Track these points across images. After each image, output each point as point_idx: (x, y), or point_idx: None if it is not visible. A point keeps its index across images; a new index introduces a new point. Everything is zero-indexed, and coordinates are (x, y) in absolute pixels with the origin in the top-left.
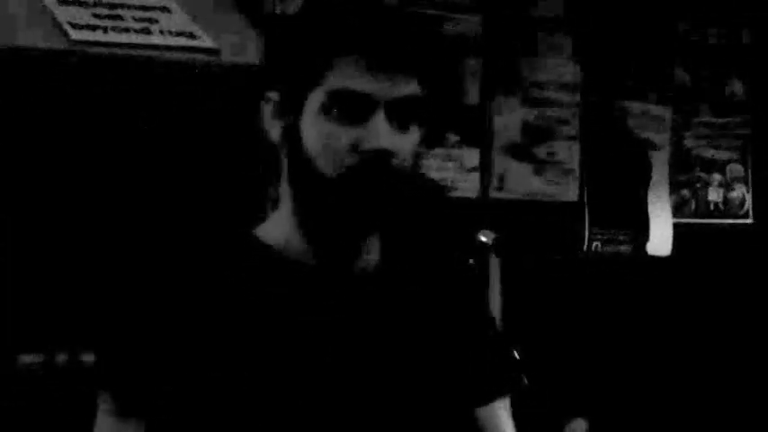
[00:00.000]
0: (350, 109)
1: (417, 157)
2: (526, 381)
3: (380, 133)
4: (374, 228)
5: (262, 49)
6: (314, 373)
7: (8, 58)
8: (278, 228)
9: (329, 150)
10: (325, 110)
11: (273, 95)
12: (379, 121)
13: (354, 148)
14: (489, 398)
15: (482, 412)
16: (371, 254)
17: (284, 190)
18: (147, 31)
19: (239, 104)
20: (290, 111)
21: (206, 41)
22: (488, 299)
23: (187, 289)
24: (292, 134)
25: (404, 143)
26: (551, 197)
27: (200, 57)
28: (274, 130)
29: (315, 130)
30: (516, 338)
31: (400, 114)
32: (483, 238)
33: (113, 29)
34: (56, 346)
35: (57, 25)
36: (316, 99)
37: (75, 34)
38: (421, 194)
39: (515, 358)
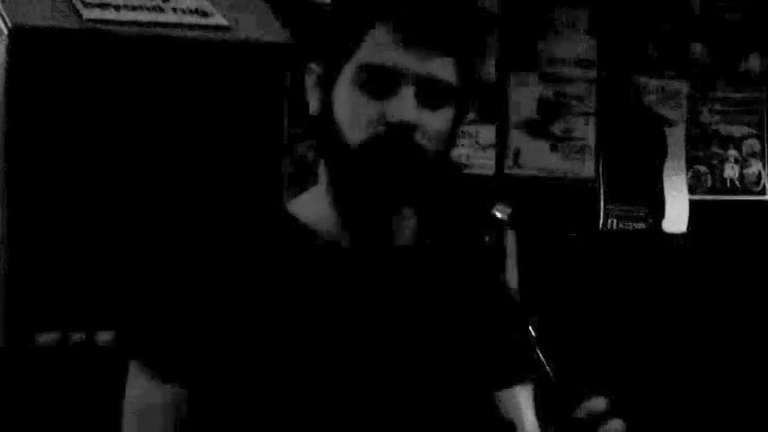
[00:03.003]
0: (379, 82)
1: (450, 139)
2: (541, 357)
3: (405, 106)
4: (397, 199)
5: (277, 26)
6: (345, 352)
7: (20, 38)
8: (313, 203)
9: (357, 121)
10: (357, 82)
11: (315, 67)
12: (407, 95)
13: (380, 119)
14: (510, 382)
15: (502, 396)
16: (404, 231)
17: (323, 164)
18: (160, 9)
19: (253, 82)
20: (327, 82)
21: (218, 19)
22: (506, 276)
23: (223, 266)
24: (326, 105)
25: (431, 121)
26: (567, 174)
27: (212, 34)
28: (314, 102)
29: (345, 102)
30: (532, 315)
31: (430, 93)
32: (498, 213)
33: (125, 7)
34: (72, 326)
35: (69, 4)
36: (349, 71)
37: (87, 13)
38: (442, 173)
39: (531, 336)
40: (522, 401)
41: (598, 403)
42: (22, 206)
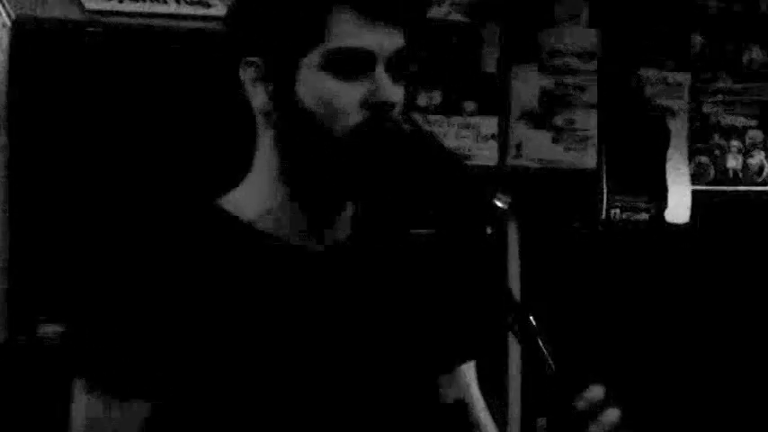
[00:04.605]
0: (353, 65)
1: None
2: (542, 347)
3: (385, 86)
4: (387, 182)
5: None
6: (296, 349)
7: (25, 28)
8: (252, 198)
9: (336, 109)
10: (326, 68)
11: (255, 59)
12: (381, 74)
13: (362, 103)
14: (456, 363)
15: (449, 377)
16: (344, 223)
17: (265, 157)
18: (162, 0)
19: None
20: (281, 73)
21: (220, 10)
22: (499, 265)
23: (164, 266)
24: (286, 97)
25: (401, 94)
26: (569, 165)
27: (213, 25)
28: (259, 95)
29: (317, 90)
30: (533, 305)
31: (398, 68)
32: (499, 203)
33: None
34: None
35: None
36: (314, 59)
37: (89, 4)
38: (432, 155)
39: (532, 324)
40: (468, 379)
41: (596, 393)
42: (24, 198)
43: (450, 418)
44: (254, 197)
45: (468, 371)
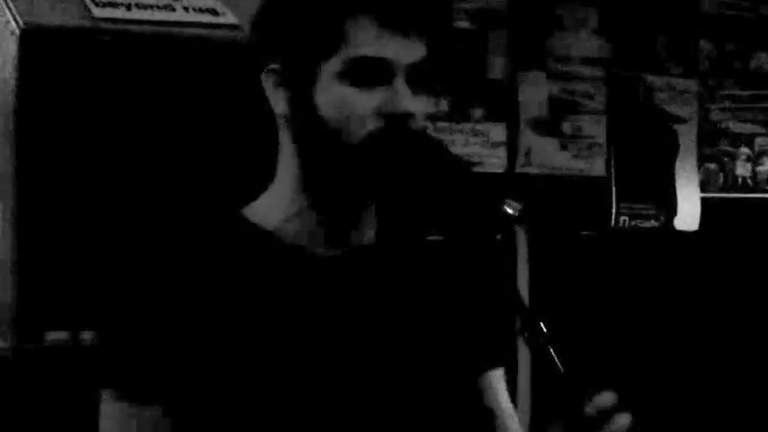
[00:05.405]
0: (372, 74)
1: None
2: (552, 354)
3: (403, 97)
4: (401, 191)
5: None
6: (321, 358)
7: (31, 37)
8: (274, 207)
9: (352, 116)
10: (344, 76)
11: (275, 66)
12: (400, 85)
13: (378, 112)
14: (482, 367)
15: (479, 382)
16: (369, 229)
17: (287, 165)
18: (171, 8)
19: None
20: (300, 80)
21: (229, 18)
22: (509, 271)
23: (188, 275)
24: (304, 103)
25: (420, 107)
26: (578, 172)
27: (222, 33)
28: (280, 102)
29: (334, 98)
30: (543, 312)
31: (416, 78)
32: (509, 210)
33: (136, 5)
34: (81, 324)
35: (79, 3)
36: (332, 66)
37: (97, 12)
38: (443, 162)
39: (542, 330)
40: (496, 386)
41: (606, 398)
42: (31, 206)
43: (475, 426)
44: (276, 205)
45: (496, 378)
